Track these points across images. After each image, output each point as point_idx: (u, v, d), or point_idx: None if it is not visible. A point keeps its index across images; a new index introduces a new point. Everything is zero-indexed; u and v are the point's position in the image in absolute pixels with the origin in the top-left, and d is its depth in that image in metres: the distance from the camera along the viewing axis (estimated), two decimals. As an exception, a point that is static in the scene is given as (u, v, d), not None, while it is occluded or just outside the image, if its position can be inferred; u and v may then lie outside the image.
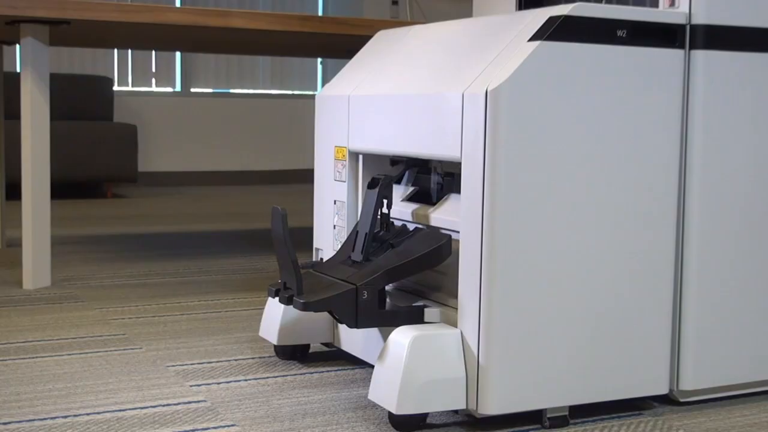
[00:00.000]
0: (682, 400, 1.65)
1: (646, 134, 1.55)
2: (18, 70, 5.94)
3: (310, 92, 6.95)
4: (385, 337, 1.71)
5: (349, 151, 1.83)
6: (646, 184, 1.56)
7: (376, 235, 1.66)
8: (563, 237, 1.50)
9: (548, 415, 1.52)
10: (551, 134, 1.47)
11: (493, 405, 1.47)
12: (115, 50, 6.28)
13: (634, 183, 1.55)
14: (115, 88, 6.30)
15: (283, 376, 1.80)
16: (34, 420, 1.53)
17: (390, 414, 1.49)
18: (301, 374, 1.81)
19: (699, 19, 1.56)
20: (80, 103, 5.74)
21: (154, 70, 6.47)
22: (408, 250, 1.58)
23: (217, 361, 1.89)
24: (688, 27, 1.57)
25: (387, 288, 1.74)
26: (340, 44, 3.08)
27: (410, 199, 1.75)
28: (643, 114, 1.54)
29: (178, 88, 6.55)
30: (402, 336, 1.48)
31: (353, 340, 1.82)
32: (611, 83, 1.51)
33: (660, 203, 1.57)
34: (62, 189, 5.80)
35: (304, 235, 3.77)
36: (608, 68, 1.51)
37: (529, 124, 1.45)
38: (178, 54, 6.51)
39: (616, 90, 1.52)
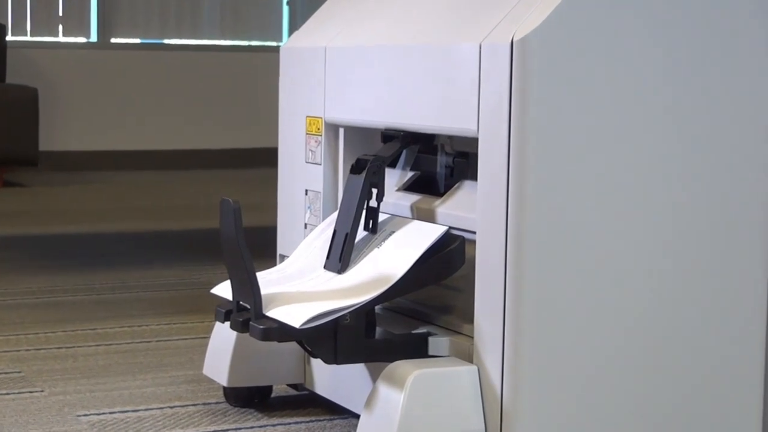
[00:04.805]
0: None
1: (728, 98, 1.54)
2: None
3: (273, 43, 6.96)
4: (374, 376, 1.71)
5: (326, 123, 1.82)
6: (731, 173, 1.55)
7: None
8: (614, 240, 1.49)
9: (596, 482, 1.52)
10: (599, 99, 1.47)
11: (521, 468, 1.46)
12: (9, -13, 6.27)
13: (714, 170, 1.54)
14: (9, 38, 6.28)
15: (236, 429, 1.79)
16: None
17: (381, 481, 1.49)
18: (260, 426, 1.80)
19: (801, -57, 1.56)
20: (-39, 58, 5.73)
21: (61, 14, 6.46)
22: (405, 258, 1.58)
23: (146, 409, 1.89)
24: (786, -46, 1.56)
25: (377, 310, 1.73)
26: (313, -22, 3.07)
27: (409, 188, 1.75)
28: (724, 71, 1.54)
29: (93, 38, 6.54)
30: (398, 374, 1.48)
31: (331, 380, 1.82)
32: (680, 31, 1.51)
33: (749, 201, 1.56)
34: (-63, 175, 5.79)
35: (265, 237, 3.76)
36: (675, 11, 1.50)
37: (569, 85, 1.45)
38: (93, -8, 6.51)
39: (687, 39, 1.51)
